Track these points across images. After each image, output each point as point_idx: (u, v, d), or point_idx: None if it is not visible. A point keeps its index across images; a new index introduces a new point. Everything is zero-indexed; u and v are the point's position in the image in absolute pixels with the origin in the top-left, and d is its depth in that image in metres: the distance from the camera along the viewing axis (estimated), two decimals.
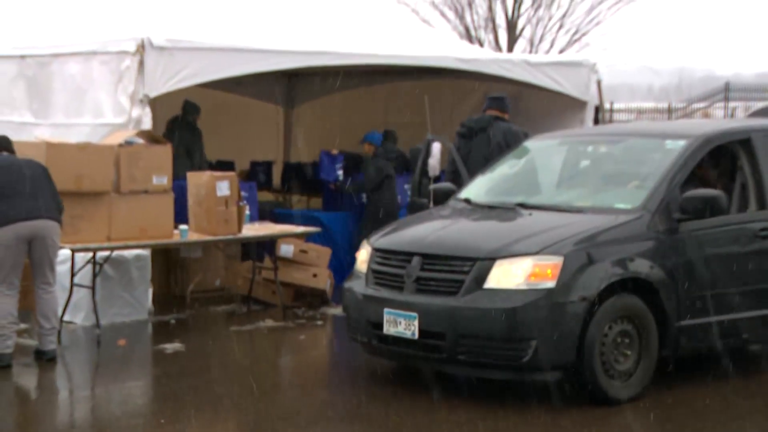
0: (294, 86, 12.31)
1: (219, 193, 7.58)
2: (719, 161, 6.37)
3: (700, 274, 5.67)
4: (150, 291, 7.75)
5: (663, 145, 6.14)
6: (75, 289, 7.32)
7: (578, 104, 10.07)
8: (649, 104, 34.31)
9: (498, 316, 5.24)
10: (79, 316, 7.46)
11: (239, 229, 7.73)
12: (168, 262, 8.60)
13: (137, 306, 7.63)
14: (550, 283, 5.25)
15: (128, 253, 7.53)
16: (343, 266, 9.03)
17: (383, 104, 11.74)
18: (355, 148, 9.89)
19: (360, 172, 9.76)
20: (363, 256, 6.04)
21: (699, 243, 5.72)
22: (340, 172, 9.78)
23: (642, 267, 5.49)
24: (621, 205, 5.79)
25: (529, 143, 6.95)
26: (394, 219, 9.15)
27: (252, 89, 11.44)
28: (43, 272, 6.32)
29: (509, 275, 5.30)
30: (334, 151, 10.00)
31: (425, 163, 7.96)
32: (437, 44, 10.01)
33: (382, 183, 9.29)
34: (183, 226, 7.49)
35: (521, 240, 5.45)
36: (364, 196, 9.37)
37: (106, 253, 7.30)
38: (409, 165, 9.55)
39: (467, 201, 6.41)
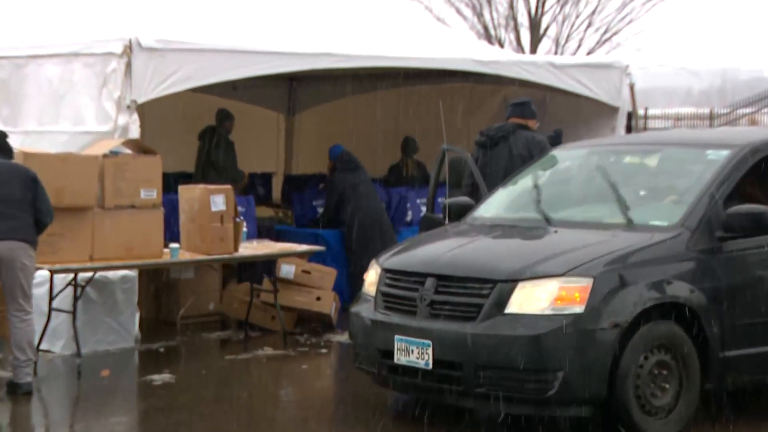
0: (296, 91, 12.35)
1: (213, 208, 7.60)
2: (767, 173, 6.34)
3: (747, 298, 5.63)
4: (137, 316, 7.75)
5: (704, 156, 6.13)
6: (53, 314, 7.32)
7: (609, 110, 10.08)
8: (688, 110, 34.19)
9: (520, 344, 5.22)
10: (57, 345, 7.46)
11: (236, 248, 7.74)
12: (157, 284, 8.61)
13: (122, 333, 7.63)
14: (579, 308, 5.23)
15: (113, 275, 7.53)
16: (348, 288, 9.04)
17: (393, 111, 11.76)
18: (363, 159, 9.91)
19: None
20: (371, 277, 6.04)
21: (745, 264, 5.68)
22: (320, 208, 9.75)
23: (681, 290, 5.46)
24: (657, 222, 5.78)
25: (555, 153, 6.95)
26: (380, 235, 9.19)
27: (250, 94, 11.49)
28: (15, 299, 6.25)
29: (533, 299, 5.29)
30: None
31: (438, 176, 7.96)
32: (453, 45, 10.04)
33: (342, 201, 9.26)
34: (174, 245, 7.50)
35: (546, 260, 5.44)
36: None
37: (88, 275, 7.30)
38: (428, 178, 9.56)
39: (486, 217, 6.41)
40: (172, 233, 7.93)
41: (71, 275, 7.25)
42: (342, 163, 9.46)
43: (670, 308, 5.44)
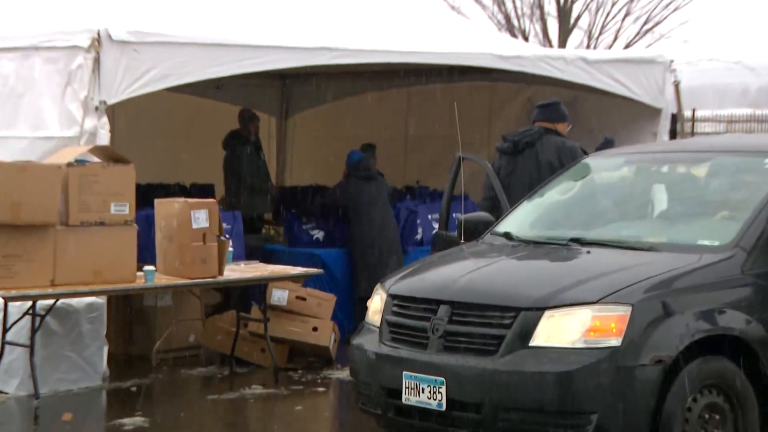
0: (290, 91, 12.39)
1: (195, 225, 7.60)
2: None
3: None
4: (105, 350, 7.74)
5: (762, 165, 6.12)
6: (7, 348, 7.31)
7: (650, 112, 10.08)
8: (743, 111, 33.94)
9: (548, 382, 5.21)
10: (12, 384, 7.44)
11: (220, 271, 7.74)
12: (129, 313, 8.63)
13: (88, 370, 7.61)
14: (615, 341, 5.22)
15: (78, 302, 7.52)
16: (349, 317, 9.06)
17: (402, 114, 11.79)
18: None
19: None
20: (376, 304, 6.05)
21: None
22: (318, 233, 9.78)
23: (735, 321, 5.43)
24: (706, 242, 5.76)
25: (588, 162, 6.96)
26: (388, 256, 9.19)
27: (236, 95, 11.52)
28: None
29: (562, 330, 5.28)
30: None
31: (453, 188, 7.97)
32: (470, 37, 10.05)
33: (347, 215, 9.33)
34: (149, 268, 7.51)
35: (577, 285, 5.44)
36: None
37: (49, 302, 7.29)
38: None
39: (508, 235, 6.42)
40: (146, 254, 7.93)
41: (29, 303, 7.23)
42: (356, 171, 9.53)
43: (723, 342, 5.41)
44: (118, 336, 8.37)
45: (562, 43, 27.11)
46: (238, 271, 8.19)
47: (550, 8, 27.51)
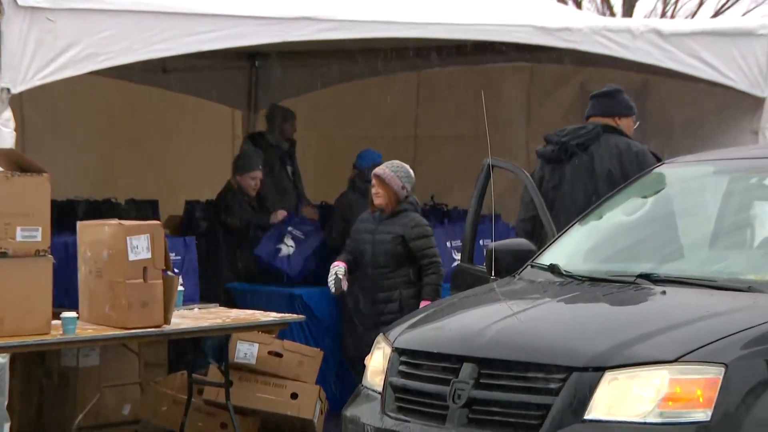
0: (261, 76, 12.40)
1: (132, 257, 7.58)
2: None
3: None
4: (7, 428, 7.70)
5: None
6: None
7: (749, 103, 10.06)
8: None
9: None
10: None
11: (166, 319, 7.72)
12: (41, 376, 8.57)
13: None
14: (702, 414, 5.21)
15: None
16: (341, 380, 9.10)
17: (412, 104, 11.79)
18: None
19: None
20: (377, 362, 6.06)
21: None
22: (287, 247, 9.77)
23: None
24: None
25: (663, 171, 6.95)
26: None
27: (189, 81, 11.55)
28: None
29: (629, 398, 5.28)
30: (280, 216, 10.08)
31: (480, 205, 7.96)
32: (503, 4, 10.05)
33: (347, 237, 9.39)
34: (69, 314, 7.48)
35: (649, 337, 5.44)
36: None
37: None
38: None
39: (555, 269, 6.42)
40: (66, 295, 7.91)
41: None
42: (364, 178, 9.60)
43: None
44: (25, 408, 8.33)
45: (628, 12, 27.19)
46: (190, 317, 8.17)
47: None
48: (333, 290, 8.84)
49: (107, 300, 7.63)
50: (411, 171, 8.93)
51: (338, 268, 8.83)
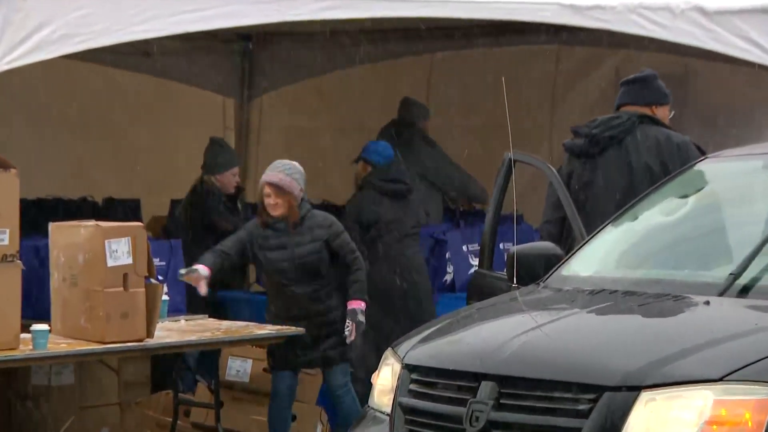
0: (255, 60, 12.42)
1: (111, 262, 7.61)
2: None
3: None
4: None
5: None
6: None
7: None
8: None
9: None
10: None
11: (149, 332, 7.75)
12: (9, 395, 8.59)
13: None
14: None
15: None
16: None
17: (421, 92, 11.77)
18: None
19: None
20: (385, 380, 6.06)
21: None
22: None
23: None
24: None
25: (706, 167, 6.95)
26: (412, 307, 9.20)
27: (174, 66, 11.57)
28: None
29: (668, 421, 5.27)
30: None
31: (500, 205, 7.95)
32: None
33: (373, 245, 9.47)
34: (39, 327, 7.48)
35: (690, 353, 5.42)
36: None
37: None
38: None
39: (584, 276, 6.42)
40: (36, 305, 7.95)
41: None
42: (382, 176, 9.56)
43: None
44: None
45: None
46: (176, 330, 8.17)
47: None
48: (183, 272, 8.47)
49: (83, 311, 7.65)
50: (300, 167, 8.73)
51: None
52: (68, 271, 7.72)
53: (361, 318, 8.35)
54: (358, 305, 8.34)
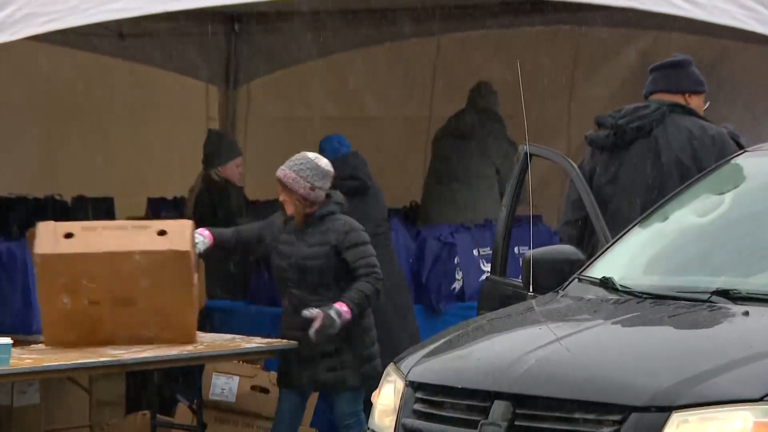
0: (241, 44, 12.44)
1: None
2: None
3: None
4: None
5: None
6: None
7: None
8: None
9: None
10: None
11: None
12: None
13: None
14: None
15: None
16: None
17: (427, 78, 11.79)
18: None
19: None
20: (386, 398, 6.06)
21: None
22: None
23: None
24: None
25: (746, 161, 6.97)
26: (397, 322, 9.22)
27: (151, 49, 11.59)
28: None
29: None
30: None
31: (515, 202, 7.95)
32: None
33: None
34: (3, 340, 7.51)
35: (727, 370, 5.45)
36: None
37: None
38: None
39: (609, 283, 6.44)
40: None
41: None
42: (344, 176, 9.56)
43: None
44: None
45: None
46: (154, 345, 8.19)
47: None
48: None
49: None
50: (323, 162, 8.59)
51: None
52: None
53: (336, 321, 8.12)
54: (341, 308, 8.20)
